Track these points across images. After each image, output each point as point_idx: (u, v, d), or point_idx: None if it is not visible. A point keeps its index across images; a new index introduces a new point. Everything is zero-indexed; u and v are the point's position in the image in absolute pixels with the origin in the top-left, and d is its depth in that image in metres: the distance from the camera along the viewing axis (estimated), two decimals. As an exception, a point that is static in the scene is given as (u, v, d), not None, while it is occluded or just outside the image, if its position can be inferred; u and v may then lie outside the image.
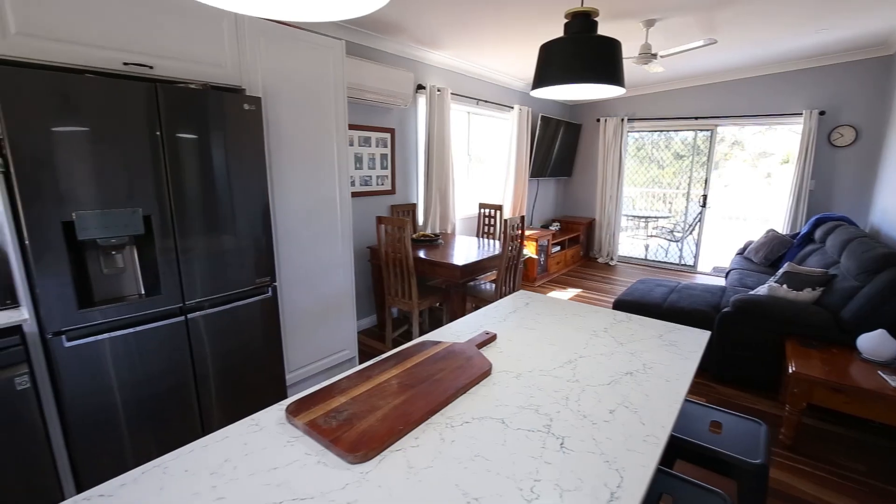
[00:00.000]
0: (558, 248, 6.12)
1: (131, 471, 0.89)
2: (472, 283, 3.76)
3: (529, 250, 5.43)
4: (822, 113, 4.84)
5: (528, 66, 4.71)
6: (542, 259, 5.70)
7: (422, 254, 3.46)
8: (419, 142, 4.28)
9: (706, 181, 5.93)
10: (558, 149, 6.36)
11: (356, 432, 0.97)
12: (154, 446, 2.00)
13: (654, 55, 3.59)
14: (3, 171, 1.57)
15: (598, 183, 6.61)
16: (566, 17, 1.36)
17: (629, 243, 7.22)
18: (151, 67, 1.89)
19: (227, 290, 2.13)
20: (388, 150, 3.94)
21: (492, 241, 4.08)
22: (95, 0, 1.72)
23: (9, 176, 1.58)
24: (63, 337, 1.69)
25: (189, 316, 2.01)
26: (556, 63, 1.30)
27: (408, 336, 3.85)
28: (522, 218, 3.41)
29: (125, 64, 1.83)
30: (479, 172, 5.42)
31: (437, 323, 4.18)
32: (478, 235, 4.65)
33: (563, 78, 1.30)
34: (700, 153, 5.98)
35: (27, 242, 1.60)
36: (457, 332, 1.62)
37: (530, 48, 4.01)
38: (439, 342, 1.45)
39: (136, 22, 1.84)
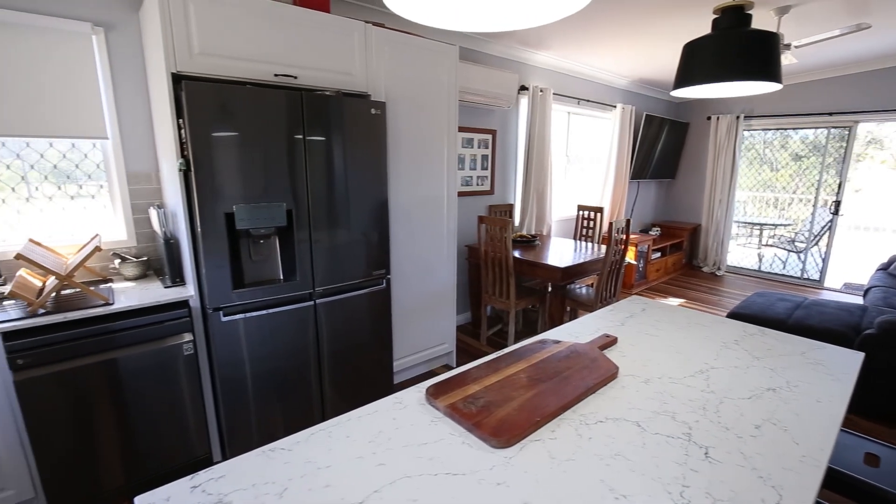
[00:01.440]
0: (658, 254, 5.79)
1: (301, 432, 1.01)
2: (568, 287, 3.70)
3: (627, 255, 5.19)
4: None
5: (637, 63, 4.50)
6: (640, 265, 5.43)
7: (518, 254, 3.47)
8: (519, 143, 4.29)
9: (840, 185, 5.25)
10: (661, 149, 6.01)
11: (496, 419, 1.02)
12: (279, 413, 2.23)
13: (788, 45, 3.26)
14: (183, 169, 1.85)
15: (706, 186, 6.14)
16: (715, 12, 1.30)
17: (739, 252, 6.61)
18: (296, 77, 2.12)
19: (349, 279, 2.32)
20: (488, 152, 4.00)
21: (589, 243, 3.97)
22: (253, 23, 1.97)
23: (188, 175, 1.86)
24: (220, 312, 1.95)
25: (317, 301, 2.22)
26: (705, 61, 1.25)
27: (501, 335, 3.88)
28: (628, 221, 3.28)
29: (275, 75, 2.06)
30: (577, 174, 5.29)
31: (531, 324, 4.16)
32: (575, 238, 4.55)
33: (713, 76, 1.24)
34: (825, 153, 5.30)
35: (198, 230, 1.87)
36: (574, 332, 1.62)
37: (645, 44, 3.84)
38: (559, 341, 1.46)
39: (284, 39, 2.06)
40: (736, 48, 1.21)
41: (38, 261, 1.79)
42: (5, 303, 1.88)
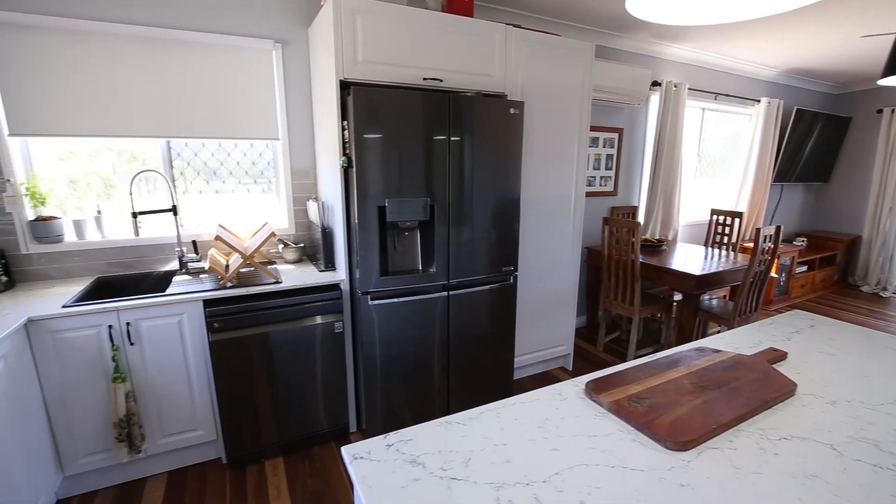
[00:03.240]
0: (804, 267, 5.10)
1: (470, 410, 1.09)
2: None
3: (767, 267, 4.65)
4: None
5: (791, 51, 4.01)
6: (782, 279, 4.83)
7: (643, 259, 3.29)
8: (647, 142, 4.06)
9: None
10: (811, 148, 5.28)
11: (667, 421, 1.00)
12: (408, 394, 2.38)
13: None
14: (345, 167, 2.07)
15: (871, 191, 5.26)
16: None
17: (914, 271, 5.55)
18: (441, 80, 2.24)
19: (480, 273, 2.40)
20: (613, 151, 3.85)
21: (723, 251, 3.63)
22: (408, 31, 2.12)
23: (348, 171, 2.08)
24: (368, 297, 2.14)
25: (451, 293, 2.33)
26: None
27: (619, 342, 3.72)
28: (778, 228, 2.94)
29: (424, 79, 2.21)
30: (709, 175, 4.86)
31: (651, 334, 3.93)
32: (706, 244, 4.19)
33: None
34: None
35: (355, 221, 2.07)
36: (731, 343, 1.51)
37: (807, 30, 3.41)
38: (719, 350, 1.38)
39: (432, 44, 2.20)
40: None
41: (230, 242, 2.12)
42: (202, 276, 2.26)
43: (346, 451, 0.94)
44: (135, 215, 2.17)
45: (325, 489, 2.06)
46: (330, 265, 2.37)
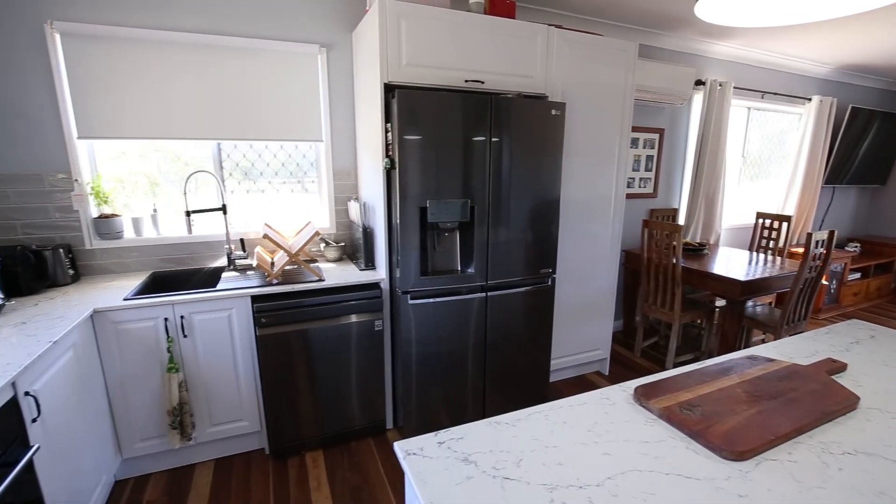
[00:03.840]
0: (857, 275, 4.85)
1: (519, 411, 1.09)
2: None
3: (816, 273, 4.44)
4: None
5: (846, 46, 3.82)
6: (832, 287, 4.60)
7: (684, 263, 3.21)
8: (689, 143, 3.95)
9: None
10: (867, 148, 5.00)
11: (722, 429, 0.98)
12: (444, 394, 2.40)
13: None
14: (388, 168, 2.11)
15: (933, 195, 4.94)
16: None
17: (980, 280, 5.19)
18: (483, 82, 2.25)
19: (518, 275, 2.40)
20: (654, 152, 3.76)
21: (769, 256, 3.49)
22: (451, 33, 2.14)
23: (391, 173, 2.11)
24: (408, 296, 2.18)
25: (489, 294, 2.34)
26: None
27: (657, 348, 3.64)
28: (832, 233, 2.81)
29: (465, 81, 2.22)
30: (753, 177, 4.68)
31: (691, 340, 3.82)
32: (750, 249, 4.04)
33: None
34: None
35: (396, 222, 2.11)
36: (785, 352, 1.46)
37: (867, 22, 3.24)
38: (773, 359, 1.34)
39: (474, 46, 2.21)
40: None
41: (276, 240, 2.20)
42: (249, 272, 2.35)
43: (398, 446, 0.96)
44: (188, 214, 2.27)
45: (364, 483, 2.11)
46: (370, 264, 2.42)
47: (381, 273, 2.32)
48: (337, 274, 2.34)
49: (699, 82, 3.76)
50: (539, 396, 2.66)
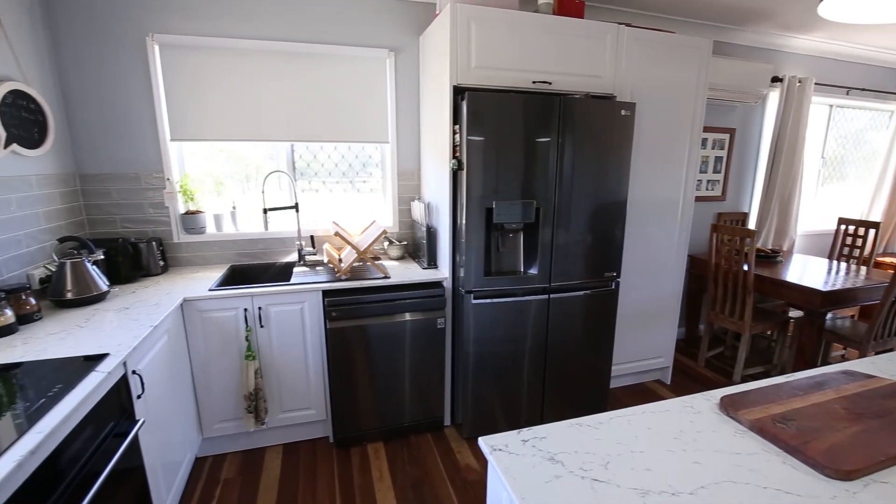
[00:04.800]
0: (954, 288, 4.39)
1: (600, 414, 1.09)
2: (823, 315, 3.09)
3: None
4: None
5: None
6: (924, 300, 4.20)
7: (755, 270, 3.04)
8: (762, 143, 3.74)
9: None
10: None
11: (823, 446, 0.93)
12: (502, 394, 2.40)
13: None
14: (455, 168, 2.14)
15: None
16: None
17: None
18: (550, 83, 2.24)
19: (581, 277, 2.37)
20: (723, 153, 3.59)
21: (850, 265, 3.24)
22: (519, 35, 2.15)
23: (457, 174, 2.15)
24: (471, 295, 2.20)
25: (551, 296, 2.32)
26: None
27: (723, 359, 3.47)
28: (930, 242, 2.57)
29: (533, 82, 2.22)
30: (829, 179, 4.35)
31: (759, 352, 3.62)
32: (830, 257, 3.77)
33: None
34: None
35: (463, 222, 2.14)
36: (885, 369, 1.36)
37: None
38: (872, 376, 1.25)
39: (542, 47, 2.20)
40: None
41: (347, 238, 2.29)
42: (318, 268, 2.46)
43: (484, 441, 0.99)
44: (266, 211, 2.41)
45: (424, 477, 2.16)
46: (433, 263, 2.47)
47: (443, 272, 2.36)
48: (400, 272, 2.41)
49: (776, 79, 3.55)
50: (598, 403, 2.61)
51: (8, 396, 1.17)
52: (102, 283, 1.96)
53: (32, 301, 1.70)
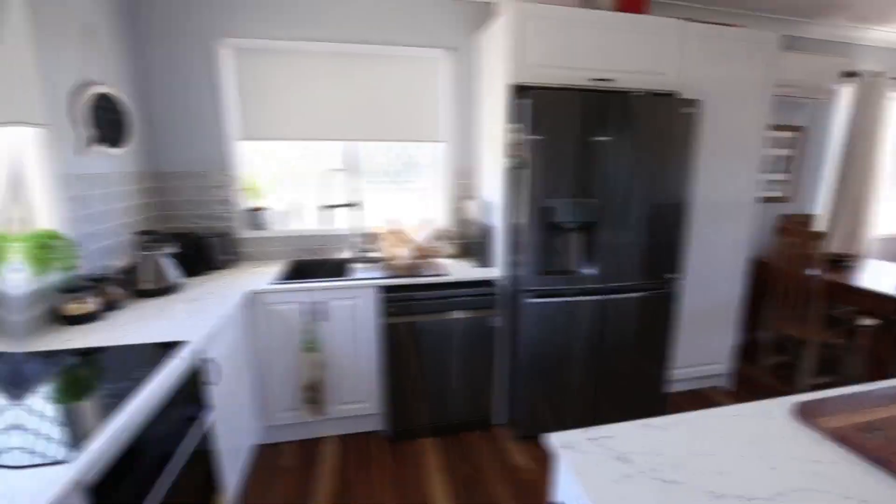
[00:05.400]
0: None
1: (666, 416, 1.08)
2: (901, 325, 2.87)
3: None
4: None
5: None
6: None
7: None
8: (832, 142, 3.51)
9: None
10: None
11: (914, 460, 0.89)
12: (554, 396, 2.39)
13: None
14: (513, 167, 2.15)
15: None
16: None
17: None
18: (611, 81, 2.22)
19: (639, 279, 2.32)
20: (789, 152, 3.41)
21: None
22: (577, 32, 2.14)
23: (514, 172, 2.16)
24: (526, 294, 2.21)
25: (607, 297, 2.29)
26: None
27: (786, 367, 3.29)
28: None
29: (592, 80, 2.20)
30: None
31: (827, 362, 3.40)
32: (909, 263, 3.50)
33: None
34: None
35: (519, 221, 2.15)
36: (978, 383, 1.27)
37: None
38: (966, 390, 1.17)
39: (601, 44, 2.18)
40: None
41: (403, 235, 2.35)
42: (374, 264, 2.54)
43: (554, 437, 1.00)
44: (326, 208, 2.51)
45: (476, 474, 2.19)
46: (487, 261, 2.49)
47: (498, 270, 2.38)
48: (455, 269, 2.44)
49: (849, 74, 3.33)
50: (655, 407, 2.54)
51: (97, 378, 1.28)
52: (176, 275, 2.10)
53: (115, 290, 1.84)
